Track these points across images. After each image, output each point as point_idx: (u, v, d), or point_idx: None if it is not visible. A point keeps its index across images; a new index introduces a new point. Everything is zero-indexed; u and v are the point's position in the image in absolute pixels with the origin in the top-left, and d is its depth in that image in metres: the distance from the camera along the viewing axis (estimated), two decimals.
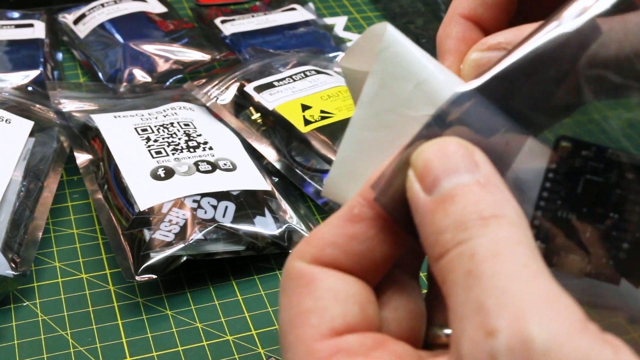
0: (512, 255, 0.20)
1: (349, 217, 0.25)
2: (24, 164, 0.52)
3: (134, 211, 0.48)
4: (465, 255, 0.21)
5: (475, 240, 0.21)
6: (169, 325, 0.45)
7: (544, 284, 0.20)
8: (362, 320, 0.24)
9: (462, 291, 0.21)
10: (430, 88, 0.25)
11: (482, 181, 0.22)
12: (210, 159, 0.53)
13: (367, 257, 0.25)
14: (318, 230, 0.25)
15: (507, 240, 0.21)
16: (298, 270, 0.25)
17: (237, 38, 0.71)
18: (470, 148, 0.23)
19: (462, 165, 0.22)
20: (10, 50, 0.66)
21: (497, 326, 0.19)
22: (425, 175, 0.23)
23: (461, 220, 0.21)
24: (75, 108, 0.57)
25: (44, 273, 0.48)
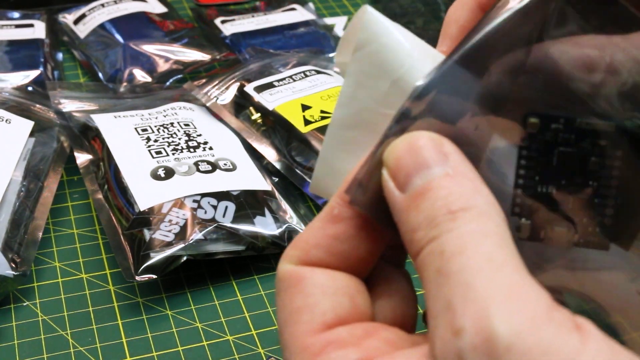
0: (477, 249, 0.20)
1: (329, 218, 0.25)
2: (24, 164, 0.52)
3: (134, 211, 0.48)
4: (435, 252, 0.21)
5: (444, 236, 0.21)
6: (169, 325, 0.45)
7: (508, 275, 0.20)
8: (352, 311, 0.24)
9: (434, 289, 0.21)
10: (406, 85, 0.25)
11: (451, 173, 0.22)
12: (210, 159, 0.53)
13: (352, 255, 0.25)
14: (302, 233, 0.26)
15: (474, 233, 0.21)
16: (286, 271, 0.25)
17: (237, 38, 0.71)
18: (438, 140, 0.23)
19: (432, 159, 0.22)
20: (10, 50, 0.66)
21: (462, 324, 0.19)
22: (397, 172, 0.23)
23: (432, 216, 0.22)
24: (75, 108, 0.57)
25: (44, 273, 0.48)
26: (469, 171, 0.22)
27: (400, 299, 0.26)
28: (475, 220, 0.21)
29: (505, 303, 0.19)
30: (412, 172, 0.22)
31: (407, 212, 0.22)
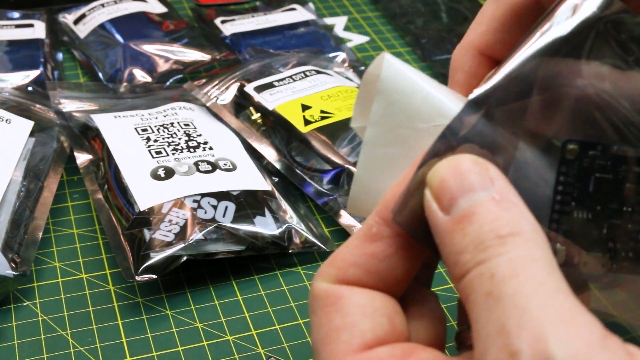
0: (529, 274, 0.21)
1: (367, 236, 0.25)
2: (24, 164, 0.52)
3: (134, 211, 0.48)
4: (484, 276, 0.21)
5: (494, 260, 0.21)
6: (169, 325, 0.45)
7: (562, 301, 0.20)
8: (391, 332, 0.24)
9: (484, 312, 0.21)
10: (437, 100, 0.26)
11: (497, 198, 0.22)
12: (210, 159, 0.53)
13: (389, 274, 0.25)
14: (339, 252, 0.26)
15: (525, 258, 0.21)
16: (324, 290, 0.25)
17: (237, 38, 0.71)
18: (483, 164, 0.23)
19: (477, 183, 0.23)
20: (10, 50, 0.66)
21: (519, 347, 0.19)
22: (441, 194, 0.23)
23: (479, 240, 0.22)
24: (75, 108, 0.57)
25: (44, 273, 0.48)
26: (514, 196, 0.23)
27: (433, 320, 0.26)
28: (525, 245, 0.21)
29: (562, 328, 0.19)
30: (456, 194, 0.23)
31: (451, 234, 0.22)
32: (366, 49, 0.74)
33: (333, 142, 0.54)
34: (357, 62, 0.70)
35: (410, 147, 0.26)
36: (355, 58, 0.70)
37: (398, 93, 0.27)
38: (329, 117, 0.56)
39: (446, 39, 0.73)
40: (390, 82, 0.27)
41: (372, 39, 0.75)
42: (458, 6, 0.79)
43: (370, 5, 0.81)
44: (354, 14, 0.80)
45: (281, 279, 0.49)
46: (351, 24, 0.78)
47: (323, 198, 0.53)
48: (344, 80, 0.62)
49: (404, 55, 0.73)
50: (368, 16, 0.79)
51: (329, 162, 0.53)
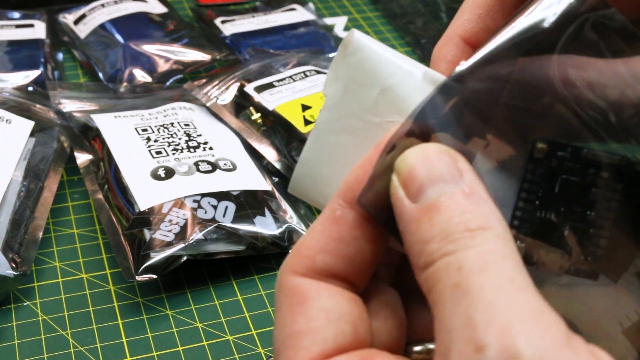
0: (498, 269, 0.21)
1: (332, 220, 0.25)
2: (24, 164, 0.52)
3: (134, 211, 0.48)
4: (452, 266, 0.21)
5: (463, 252, 0.21)
6: (169, 325, 0.45)
7: (530, 298, 0.20)
8: (353, 339, 0.24)
9: (450, 304, 0.21)
10: (395, 95, 0.26)
11: (467, 191, 0.22)
12: (211, 159, 0.53)
13: (357, 257, 0.25)
14: (304, 239, 0.25)
15: (494, 253, 0.21)
16: (291, 286, 0.25)
17: (237, 38, 0.71)
18: (454, 155, 0.23)
19: (447, 174, 0.22)
20: (10, 50, 0.66)
21: (485, 341, 0.19)
22: (409, 182, 0.23)
23: (447, 231, 0.21)
24: (75, 108, 0.57)
25: (45, 273, 0.48)
26: (483, 191, 0.22)
27: (394, 320, 0.26)
28: (494, 241, 0.21)
29: (529, 325, 0.19)
30: (425, 184, 0.22)
31: (418, 222, 0.22)
32: None
33: None
34: None
35: (360, 138, 0.26)
36: None
37: (356, 83, 0.26)
38: None
39: None
40: (350, 69, 0.26)
41: None
42: (458, 6, 0.79)
43: (370, 5, 0.81)
44: (354, 14, 0.80)
45: None
46: (351, 24, 0.78)
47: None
48: None
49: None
50: (368, 16, 0.80)
51: None
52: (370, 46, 0.27)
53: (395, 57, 0.27)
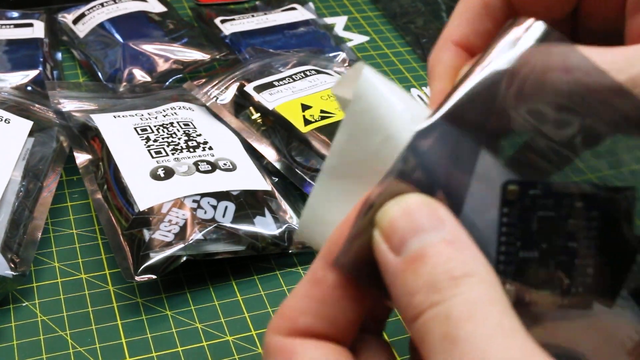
0: (486, 316, 0.21)
1: (314, 281, 0.25)
2: (23, 164, 0.52)
3: (133, 211, 0.47)
4: (439, 317, 0.21)
5: (449, 301, 0.21)
6: (168, 326, 0.45)
7: (519, 342, 0.20)
8: None
9: (441, 354, 0.21)
10: (396, 144, 0.25)
11: (448, 238, 0.22)
12: (210, 159, 0.52)
13: (340, 317, 0.25)
14: (288, 301, 0.26)
15: (480, 299, 0.21)
16: (277, 346, 0.25)
17: (237, 38, 0.71)
18: (433, 204, 0.23)
19: (428, 224, 0.22)
20: (9, 49, 0.66)
21: None
22: (391, 235, 0.23)
23: (432, 281, 0.22)
24: (74, 108, 0.57)
25: (43, 273, 0.48)
26: (465, 238, 0.22)
27: None
28: (479, 287, 0.21)
29: None
30: (407, 235, 0.22)
31: (403, 275, 0.22)
32: (366, 49, 0.74)
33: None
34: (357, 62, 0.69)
35: (365, 184, 0.26)
36: (356, 58, 0.70)
37: (360, 129, 0.26)
38: (329, 117, 0.56)
39: None
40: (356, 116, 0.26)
41: (372, 38, 0.75)
42: None
43: (370, 4, 0.81)
44: (354, 14, 0.80)
45: (281, 279, 0.48)
46: (351, 24, 0.78)
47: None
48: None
49: (404, 55, 0.73)
50: (368, 16, 0.79)
51: None
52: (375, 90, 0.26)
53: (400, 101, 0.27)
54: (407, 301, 0.22)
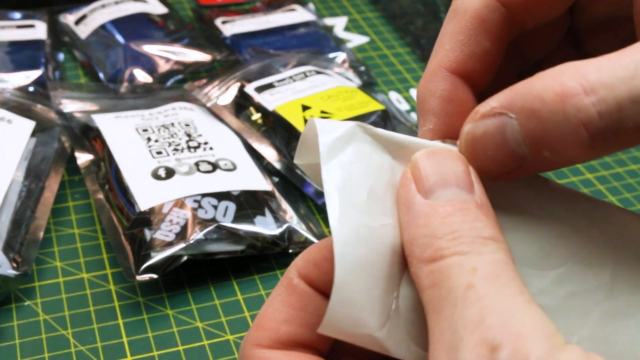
0: (510, 280, 0.21)
1: (291, 289, 0.25)
2: (25, 164, 0.52)
3: (134, 211, 0.48)
4: (465, 267, 0.21)
5: (476, 256, 0.21)
6: (169, 325, 0.45)
7: (537, 311, 0.21)
8: None
9: (462, 302, 0.21)
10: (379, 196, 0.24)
11: (478, 201, 0.23)
12: (211, 159, 0.53)
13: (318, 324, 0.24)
14: (265, 312, 0.25)
15: (505, 264, 0.21)
16: (258, 358, 0.25)
17: (237, 39, 0.71)
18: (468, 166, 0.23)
19: (462, 181, 0.23)
20: (11, 50, 0.66)
21: (501, 342, 0.20)
22: (423, 178, 0.23)
23: (459, 233, 0.22)
24: (76, 108, 0.57)
25: (45, 273, 0.48)
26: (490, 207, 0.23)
27: None
28: (504, 253, 0.22)
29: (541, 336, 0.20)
30: (439, 183, 0.23)
31: (427, 217, 0.22)
32: (366, 50, 0.74)
33: None
34: (357, 63, 0.70)
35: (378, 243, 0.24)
36: (355, 58, 0.71)
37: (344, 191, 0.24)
38: (329, 117, 0.56)
39: None
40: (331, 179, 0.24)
41: (372, 39, 0.76)
42: None
43: (370, 5, 0.81)
44: (354, 15, 0.80)
45: None
46: (351, 25, 0.78)
47: (323, 198, 0.53)
48: (344, 81, 0.62)
49: (403, 55, 0.73)
50: (368, 17, 0.80)
51: None
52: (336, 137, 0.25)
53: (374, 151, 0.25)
54: (426, 242, 0.22)
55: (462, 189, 0.23)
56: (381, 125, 0.56)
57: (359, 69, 0.68)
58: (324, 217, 0.53)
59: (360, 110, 0.57)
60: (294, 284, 0.25)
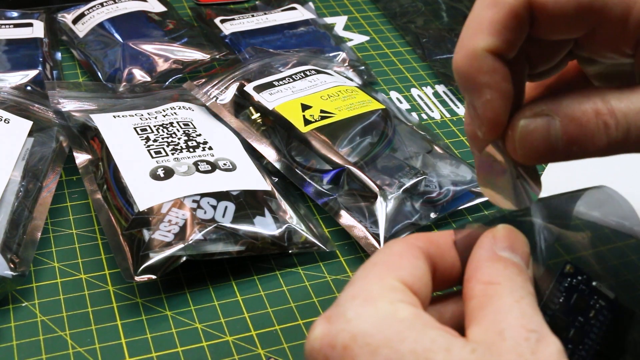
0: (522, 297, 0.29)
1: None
2: (22, 164, 0.52)
3: (133, 211, 0.47)
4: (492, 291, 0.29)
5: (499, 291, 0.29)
6: (168, 326, 0.45)
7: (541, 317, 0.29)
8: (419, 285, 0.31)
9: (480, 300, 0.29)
10: None
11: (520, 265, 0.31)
12: (210, 159, 0.52)
13: None
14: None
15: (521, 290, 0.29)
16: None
17: (236, 37, 0.70)
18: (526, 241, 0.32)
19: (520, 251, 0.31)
20: (9, 49, 0.66)
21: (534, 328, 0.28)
22: (502, 239, 0.31)
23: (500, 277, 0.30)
24: (74, 108, 0.57)
25: (43, 273, 0.48)
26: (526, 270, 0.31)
27: None
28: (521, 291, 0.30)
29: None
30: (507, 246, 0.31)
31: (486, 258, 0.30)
32: (366, 49, 0.74)
33: (333, 142, 0.54)
34: (357, 62, 0.69)
35: None
36: (356, 57, 0.70)
37: None
38: (329, 117, 0.56)
39: (447, 38, 0.73)
40: None
41: (373, 38, 0.75)
42: (459, 5, 0.79)
43: (370, 4, 0.81)
44: (354, 13, 0.80)
45: (281, 279, 0.48)
46: (351, 24, 0.78)
47: (323, 198, 0.52)
48: (344, 80, 0.62)
49: (404, 54, 0.73)
50: (368, 15, 0.79)
51: (329, 162, 0.53)
52: None
53: None
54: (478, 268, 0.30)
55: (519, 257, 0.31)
56: (381, 124, 0.56)
57: (359, 68, 0.68)
58: (323, 217, 0.53)
59: (361, 110, 0.57)
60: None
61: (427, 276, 0.31)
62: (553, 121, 0.29)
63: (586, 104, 0.29)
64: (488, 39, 0.29)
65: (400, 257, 0.30)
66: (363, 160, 0.53)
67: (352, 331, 0.28)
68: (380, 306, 0.28)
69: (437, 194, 0.52)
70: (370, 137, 0.55)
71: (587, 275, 0.33)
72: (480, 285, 0.29)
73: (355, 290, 0.29)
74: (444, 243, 0.32)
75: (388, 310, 0.28)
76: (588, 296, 0.33)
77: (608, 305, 0.33)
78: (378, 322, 0.28)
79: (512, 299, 0.28)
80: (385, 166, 0.53)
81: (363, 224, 0.51)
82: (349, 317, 0.28)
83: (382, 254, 0.31)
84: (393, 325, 0.27)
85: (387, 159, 0.54)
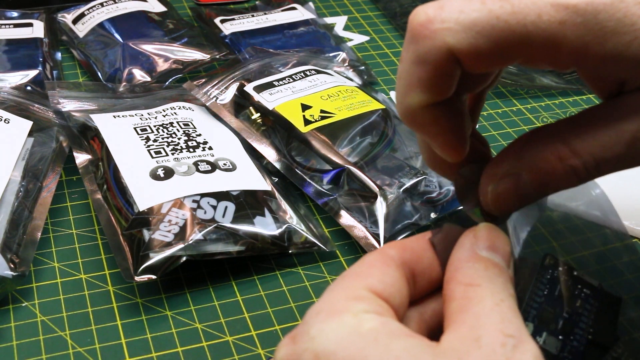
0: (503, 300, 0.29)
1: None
2: (22, 164, 0.52)
3: (133, 211, 0.47)
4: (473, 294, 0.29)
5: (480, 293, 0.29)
6: (168, 326, 0.45)
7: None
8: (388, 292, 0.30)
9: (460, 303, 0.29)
10: None
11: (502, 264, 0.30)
12: (210, 159, 0.52)
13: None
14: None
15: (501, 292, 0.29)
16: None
17: (236, 37, 0.70)
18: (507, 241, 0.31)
19: (501, 251, 0.31)
20: (9, 49, 0.66)
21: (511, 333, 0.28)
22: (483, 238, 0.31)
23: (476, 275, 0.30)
24: (74, 108, 0.57)
25: (43, 273, 0.48)
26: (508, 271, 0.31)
27: None
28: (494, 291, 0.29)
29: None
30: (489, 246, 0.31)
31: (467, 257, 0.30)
32: (366, 49, 0.74)
33: (333, 142, 0.54)
34: (358, 62, 0.69)
35: None
36: (356, 57, 0.70)
37: None
38: (329, 117, 0.56)
39: None
40: None
41: (373, 38, 0.75)
42: None
43: (370, 4, 0.81)
44: (354, 13, 0.80)
45: (281, 280, 0.48)
46: (351, 23, 0.78)
47: (323, 198, 0.52)
48: (344, 80, 0.62)
49: None
50: (368, 15, 0.79)
51: (329, 162, 0.53)
52: None
53: None
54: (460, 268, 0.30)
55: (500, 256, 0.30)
56: (381, 124, 0.56)
57: (359, 68, 0.68)
58: (323, 217, 0.53)
59: (361, 110, 0.57)
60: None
61: (400, 282, 0.30)
62: (520, 177, 0.30)
63: (547, 152, 0.29)
64: (421, 95, 0.30)
65: (370, 266, 0.30)
66: (363, 160, 0.53)
67: (315, 350, 0.27)
68: (344, 320, 0.27)
69: (437, 194, 0.52)
70: (370, 137, 0.55)
71: (567, 266, 0.33)
72: (461, 287, 0.29)
73: (320, 305, 0.29)
74: (419, 247, 0.31)
75: (351, 324, 0.27)
76: (572, 286, 0.33)
77: (593, 293, 0.33)
78: (341, 339, 0.27)
79: (492, 302, 0.28)
80: (385, 166, 0.53)
81: (363, 224, 0.51)
82: (312, 335, 0.27)
83: (354, 266, 0.30)
84: (356, 342, 0.27)
85: (387, 159, 0.54)
